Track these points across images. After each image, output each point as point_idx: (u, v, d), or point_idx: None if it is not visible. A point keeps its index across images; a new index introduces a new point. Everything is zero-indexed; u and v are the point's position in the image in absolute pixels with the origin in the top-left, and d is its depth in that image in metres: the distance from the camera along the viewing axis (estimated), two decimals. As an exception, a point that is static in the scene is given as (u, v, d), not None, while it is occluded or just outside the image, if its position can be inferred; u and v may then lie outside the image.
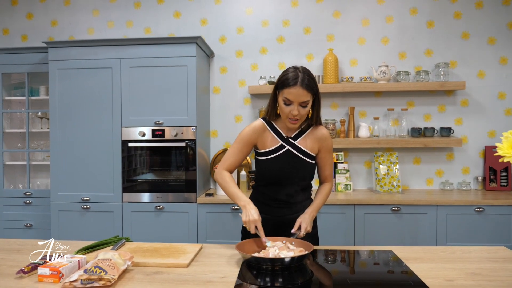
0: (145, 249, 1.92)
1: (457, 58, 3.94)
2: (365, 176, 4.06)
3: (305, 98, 1.95)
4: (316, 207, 2.14)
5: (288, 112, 1.99)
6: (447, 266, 1.73)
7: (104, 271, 1.49)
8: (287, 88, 1.95)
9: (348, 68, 4.02)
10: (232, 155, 2.16)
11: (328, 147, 2.17)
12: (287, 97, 1.96)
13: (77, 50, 3.59)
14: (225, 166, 2.16)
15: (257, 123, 2.16)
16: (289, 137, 2.12)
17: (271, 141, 2.12)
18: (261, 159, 2.14)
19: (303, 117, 2.02)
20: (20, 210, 3.92)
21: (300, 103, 1.96)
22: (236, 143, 2.16)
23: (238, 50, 4.08)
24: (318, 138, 2.14)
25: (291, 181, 2.11)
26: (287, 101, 1.97)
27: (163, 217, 3.57)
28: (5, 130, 3.95)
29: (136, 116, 3.57)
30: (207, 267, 1.74)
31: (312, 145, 2.13)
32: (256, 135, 2.13)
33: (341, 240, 3.46)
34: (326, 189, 2.24)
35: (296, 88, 1.93)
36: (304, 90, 1.93)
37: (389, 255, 1.93)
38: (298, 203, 2.15)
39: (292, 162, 2.10)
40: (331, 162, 2.23)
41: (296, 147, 2.11)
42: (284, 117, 2.03)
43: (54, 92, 3.62)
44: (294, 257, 1.67)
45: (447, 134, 3.83)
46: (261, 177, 2.18)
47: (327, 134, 2.16)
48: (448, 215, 3.42)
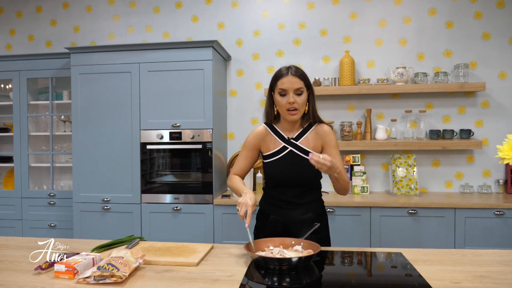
0: (157, 248, 1.98)
1: (477, 59, 3.88)
2: (382, 178, 4.03)
3: (298, 85, 2.03)
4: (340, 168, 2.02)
5: (286, 103, 2.05)
6: (456, 269, 1.72)
7: (116, 268, 1.55)
8: (280, 79, 2.05)
9: (364, 70, 4.01)
10: (240, 161, 2.25)
11: (332, 142, 2.16)
12: (281, 87, 2.04)
13: (98, 55, 3.69)
14: (235, 171, 2.26)
15: (258, 129, 2.23)
16: (290, 138, 2.16)
17: (274, 144, 2.18)
18: (266, 162, 2.20)
19: (300, 107, 2.06)
20: (44, 211, 4.05)
21: (294, 91, 2.03)
22: (242, 150, 2.26)
23: (255, 53, 4.12)
24: (319, 135, 2.17)
25: (297, 182, 2.14)
26: (282, 92, 2.04)
27: (180, 217, 3.64)
28: (30, 133, 4.09)
29: (154, 119, 3.65)
30: (216, 266, 1.78)
31: (314, 143, 2.16)
32: (258, 140, 2.21)
33: (356, 243, 3.45)
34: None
35: (288, 77, 2.03)
36: (296, 78, 2.03)
37: (398, 256, 1.93)
38: (306, 203, 2.18)
39: (295, 163, 2.13)
40: (339, 159, 2.16)
41: (299, 148, 2.14)
42: (283, 110, 2.08)
43: (76, 96, 3.74)
44: (301, 257, 1.69)
45: (467, 136, 3.77)
46: (268, 179, 2.22)
47: (328, 129, 2.18)
48: (466, 218, 3.36)
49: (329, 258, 1.95)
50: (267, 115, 2.21)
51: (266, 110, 2.21)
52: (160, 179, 3.75)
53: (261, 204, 2.29)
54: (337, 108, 4.03)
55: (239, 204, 1.92)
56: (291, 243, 1.92)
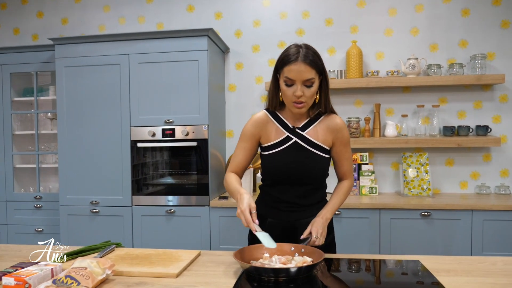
0: (134, 256, 1.71)
1: (496, 49, 3.59)
2: (392, 178, 3.74)
3: (308, 75, 1.69)
4: (331, 208, 1.86)
5: (291, 95, 1.73)
6: (487, 281, 1.44)
7: (77, 282, 1.29)
8: (287, 66, 1.70)
9: (373, 61, 3.73)
10: (237, 155, 1.93)
11: (344, 139, 1.89)
12: (288, 76, 1.71)
13: (84, 46, 3.44)
14: (231, 168, 1.94)
15: (258, 115, 1.91)
16: (296, 128, 1.86)
17: (276, 133, 1.87)
18: (265, 155, 1.89)
19: (309, 99, 1.75)
20: (30, 215, 3.80)
21: (303, 82, 1.71)
22: (239, 142, 1.93)
23: (255, 45, 3.85)
24: (331, 128, 1.86)
25: (300, 180, 1.85)
26: (289, 81, 1.72)
27: (174, 221, 3.37)
28: (14, 132, 3.83)
29: (146, 115, 3.39)
30: (200, 277, 1.51)
31: (324, 136, 1.85)
32: (258, 128, 1.89)
33: (365, 247, 3.17)
34: (344, 187, 1.95)
35: (297, 64, 1.68)
36: (306, 66, 1.68)
37: (416, 266, 1.64)
38: (310, 205, 1.89)
39: (300, 157, 1.83)
40: (349, 156, 1.93)
41: (305, 139, 1.84)
42: (288, 101, 1.77)
43: (62, 91, 3.48)
44: (301, 267, 1.42)
45: (483, 132, 3.49)
46: (266, 175, 1.93)
47: (342, 123, 1.88)
48: (484, 221, 3.09)
49: (335, 266, 1.67)
50: (271, 101, 1.88)
51: (269, 95, 1.88)
52: (153, 180, 3.48)
53: (256, 204, 1.97)
54: (343, 103, 3.75)
55: (239, 215, 1.63)
56: (290, 249, 1.65)
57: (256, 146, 1.93)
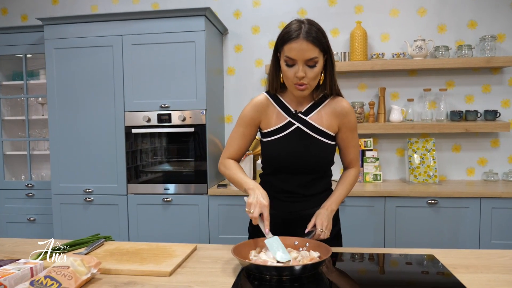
0: (124, 251, 1.58)
1: (506, 31, 3.43)
2: (397, 165, 3.61)
3: (311, 54, 1.53)
4: (337, 199, 1.73)
5: (293, 76, 1.57)
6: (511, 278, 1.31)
7: (58, 283, 1.15)
8: (288, 44, 1.53)
9: (378, 43, 3.57)
10: (234, 141, 1.78)
11: (351, 125, 1.74)
12: (288, 55, 1.54)
13: (74, 27, 3.26)
14: (228, 154, 1.80)
15: (258, 98, 1.76)
16: (299, 112, 1.70)
17: (277, 118, 1.71)
18: (265, 141, 1.74)
19: (312, 81, 1.59)
20: (22, 203, 3.65)
21: (305, 62, 1.54)
22: (237, 126, 1.78)
23: (254, 26, 3.68)
24: (336, 113, 1.71)
25: (303, 169, 1.70)
26: (290, 61, 1.56)
27: (171, 210, 3.24)
28: (4, 117, 3.67)
29: (140, 99, 3.23)
30: (195, 276, 1.37)
31: (329, 121, 1.70)
32: (258, 113, 1.74)
33: (369, 237, 3.06)
34: (351, 176, 1.82)
35: (298, 42, 1.51)
36: (309, 44, 1.51)
37: (431, 261, 1.51)
38: (314, 195, 1.75)
39: (303, 144, 1.68)
40: (356, 143, 1.79)
41: (309, 125, 1.69)
42: (289, 83, 1.61)
43: (52, 75, 3.31)
44: (307, 265, 1.28)
45: (492, 117, 3.36)
46: (266, 163, 1.78)
47: (349, 107, 1.73)
48: (493, 209, 2.97)
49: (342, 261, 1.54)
50: (271, 83, 1.72)
51: (269, 76, 1.72)
52: (148, 167, 3.34)
53: None
54: (347, 86, 3.59)
55: (250, 205, 1.49)
56: (294, 243, 1.51)
57: (255, 131, 1.78)
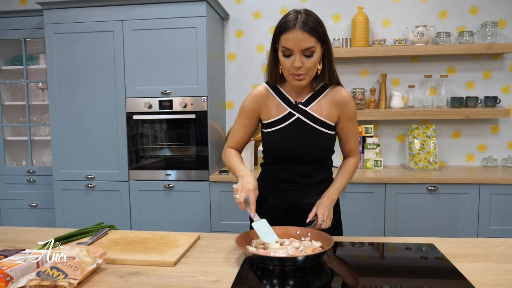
0: (129, 241, 1.59)
1: (507, 17, 3.42)
2: (397, 151, 3.63)
3: (307, 44, 1.53)
4: (337, 188, 1.75)
5: (290, 66, 1.58)
6: (509, 268, 1.34)
7: (64, 274, 1.16)
8: (285, 34, 1.54)
9: (380, 29, 3.55)
10: (236, 131, 1.82)
11: (351, 114, 1.75)
12: (285, 45, 1.55)
13: (74, 11, 3.23)
14: (230, 143, 1.83)
15: (258, 89, 1.77)
16: (299, 103, 1.71)
17: (277, 109, 1.73)
18: (266, 132, 1.75)
19: (309, 71, 1.60)
20: (23, 189, 3.67)
21: (302, 51, 1.55)
22: (238, 117, 1.80)
23: (256, 11, 3.65)
24: (336, 102, 1.72)
25: (304, 158, 1.72)
26: (286, 51, 1.57)
27: (173, 196, 3.26)
28: (4, 102, 3.66)
29: (141, 85, 3.22)
30: (199, 266, 1.39)
31: (329, 111, 1.71)
32: (258, 104, 1.75)
33: (369, 223, 3.09)
34: (351, 164, 1.83)
35: (295, 32, 1.52)
36: (305, 33, 1.52)
37: (430, 250, 1.54)
38: (315, 185, 1.77)
39: (304, 134, 1.69)
40: (356, 132, 1.80)
41: (309, 115, 1.70)
42: (287, 74, 1.62)
43: (52, 60, 3.29)
44: (309, 255, 1.30)
45: (492, 104, 3.38)
46: (267, 153, 1.80)
47: (348, 97, 1.73)
48: (492, 195, 3.01)
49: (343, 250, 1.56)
50: (270, 74, 1.73)
51: (269, 67, 1.73)
52: (150, 153, 3.35)
53: (258, 183, 1.82)
54: (348, 73, 3.59)
55: (236, 191, 1.53)
56: (296, 233, 1.53)
57: (256, 122, 1.80)
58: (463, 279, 1.26)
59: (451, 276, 1.32)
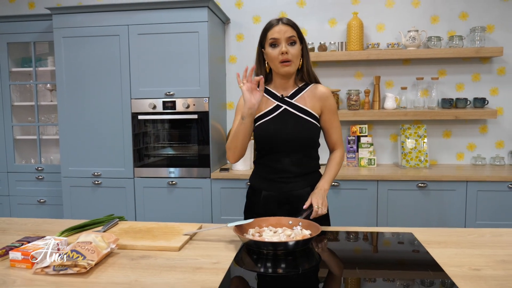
0: (137, 230, 1.75)
1: (495, 22, 3.57)
2: (390, 150, 3.79)
3: (290, 33, 1.84)
4: (328, 179, 1.93)
5: (278, 54, 1.83)
6: (474, 252, 1.50)
7: (82, 256, 1.32)
8: (271, 30, 1.85)
9: (374, 34, 3.71)
10: None
11: (332, 107, 1.97)
12: (272, 37, 1.84)
13: (82, 16, 3.39)
14: None
15: None
16: (285, 96, 1.93)
17: (266, 104, 1.94)
18: (257, 125, 1.94)
19: (294, 58, 1.85)
20: (32, 186, 3.83)
21: (286, 40, 1.83)
22: (235, 117, 2.01)
23: (256, 16, 3.81)
24: (318, 96, 1.94)
25: (292, 146, 1.90)
26: (274, 41, 1.84)
27: (176, 193, 3.42)
28: (13, 103, 3.82)
29: (146, 87, 3.38)
30: (201, 250, 1.55)
31: (312, 103, 1.93)
32: None
33: (362, 218, 3.24)
34: (337, 157, 2.02)
35: (279, 26, 1.84)
36: (287, 26, 1.85)
37: (408, 238, 1.70)
38: (304, 175, 1.95)
39: (291, 123, 1.89)
40: (338, 125, 2.01)
41: (294, 106, 1.92)
42: (276, 63, 1.86)
43: (61, 62, 3.46)
44: (299, 240, 1.47)
45: (481, 105, 3.52)
46: (260, 145, 1.98)
47: (328, 92, 1.97)
48: (478, 192, 3.16)
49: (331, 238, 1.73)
50: (258, 74, 1.95)
51: (256, 69, 1.95)
52: (154, 152, 3.51)
53: (251, 179, 2.05)
54: (344, 75, 3.75)
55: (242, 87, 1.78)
56: (289, 223, 1.70)
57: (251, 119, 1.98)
58: (432, 261, 1.43)
59: (422, 258, 1.48)
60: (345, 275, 1.39)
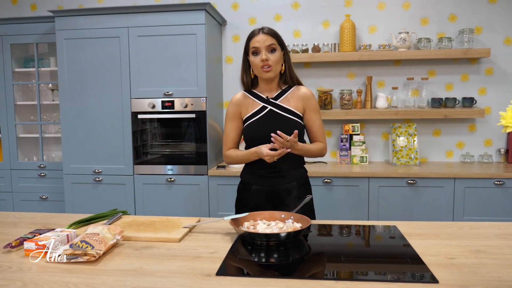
0: (140, 223, 1.87)
1: (483, 24, 3.70)
2: (382, 148, 3.92)
3: (269, 42, 2.01)
4: (303, 145, 2.06)
5: (259, 61, 2.01)
6: (451, 243, 1.62)
7: (91, 246, 1.44)
8: (253, 39, 2.03)
9: (366, 35, 3.83)
10: (228, 135, 2.20)
11: (313, 106, 2.14)
12: (253, 46, 2.02)
13: (84, 19, 3.50)
14: (226, 147, 2.21)
15: (235, 96, 2.20)
16: (270, 98, 2.11)
17: (252, 106, 2.12)
18: (246, 126, 2.12)
19: (274, 64, 2.02)
20: (35, 183, 3.94)
21: (266, 48, 2.00)
22: (226, 122, 2.20)
23: (251, 18, 3.93)
24: (300, 97, 2.12)
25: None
26: (255, 50, 2.02)
27: (174, 189, 3.54)
28: (16, 102, 3.93)
29: (145, 87, 3.50)
30: (200, 242, 1.67)
31: (295, 103, 2.11)
32: (237, 107, 2.15)
33: (354, 213, 3.37)
34: (319, 144, 2.17)
35: (259, 36, 2.02)
36: (267, 35, 2.02)
37: (392, 230, 1.83)
38: (291, 170, 2.10)
39: (276, 122, 2.06)
40: (321, 124, 2.17)
41: (279, 106, 2.09)
42: (258, 69, 2.04)
43: (63, 63, 3.57)
44: (290, 232, 1.59)
45: (469, 104, 3.65)
46: (249, 144, 2.13)
47: (309, 92, 2.15)
48: (466, 188, 3.29)
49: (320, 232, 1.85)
50: (243, 81, 2.16)
51: (242, 77, 2.15)
52: (153, 149, 3.63)
53: (242, 175, 2.22)
54: (336, 75, 3.87)
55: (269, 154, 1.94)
56: (281, 216, 1.82)
57: (241, 122, 2.18)
58: (411, 251, 1.55)
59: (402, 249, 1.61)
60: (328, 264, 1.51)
